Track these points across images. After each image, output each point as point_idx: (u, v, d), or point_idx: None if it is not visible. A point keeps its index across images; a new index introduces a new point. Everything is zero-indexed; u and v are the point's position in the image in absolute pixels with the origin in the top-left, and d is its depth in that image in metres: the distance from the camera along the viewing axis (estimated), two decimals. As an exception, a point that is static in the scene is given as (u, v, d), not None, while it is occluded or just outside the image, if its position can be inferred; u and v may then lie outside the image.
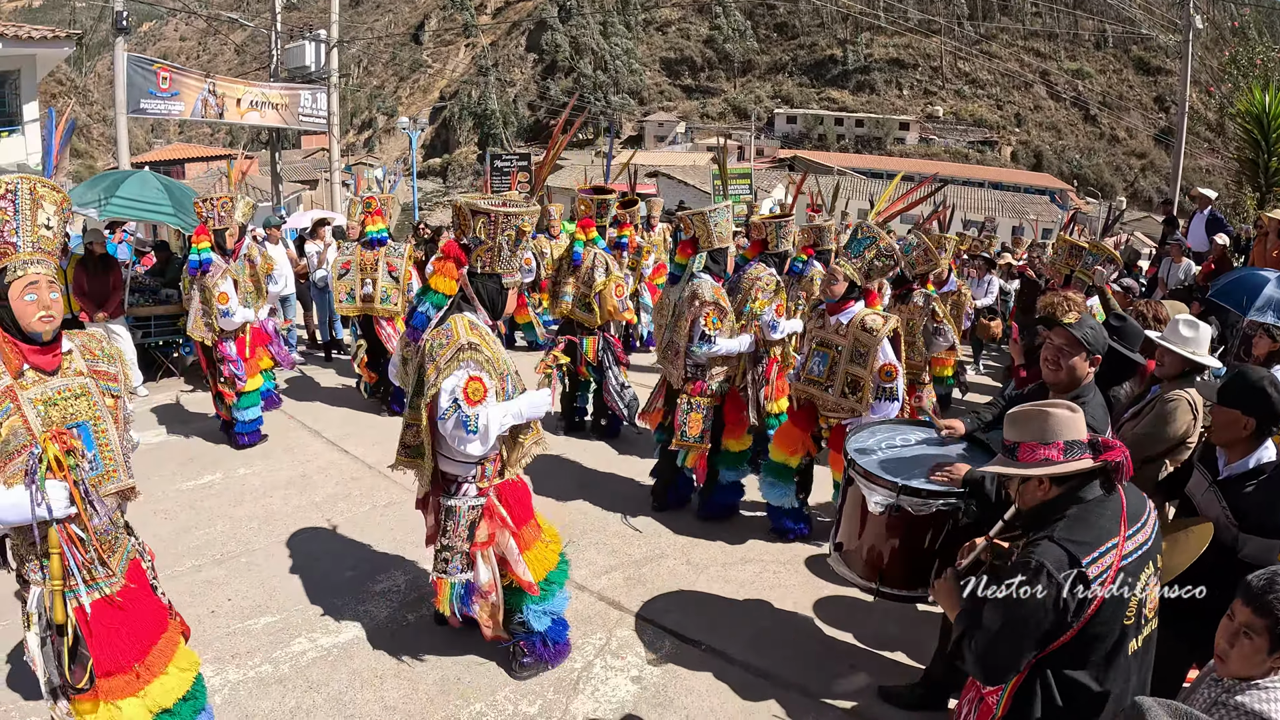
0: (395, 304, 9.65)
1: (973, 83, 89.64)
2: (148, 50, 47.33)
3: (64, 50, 20.48)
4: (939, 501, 4.16)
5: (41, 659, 3.45)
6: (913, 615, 5.61)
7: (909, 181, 10.92)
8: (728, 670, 5.05)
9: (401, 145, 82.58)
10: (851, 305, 6.16)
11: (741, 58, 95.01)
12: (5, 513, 3.25)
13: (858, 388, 6.06)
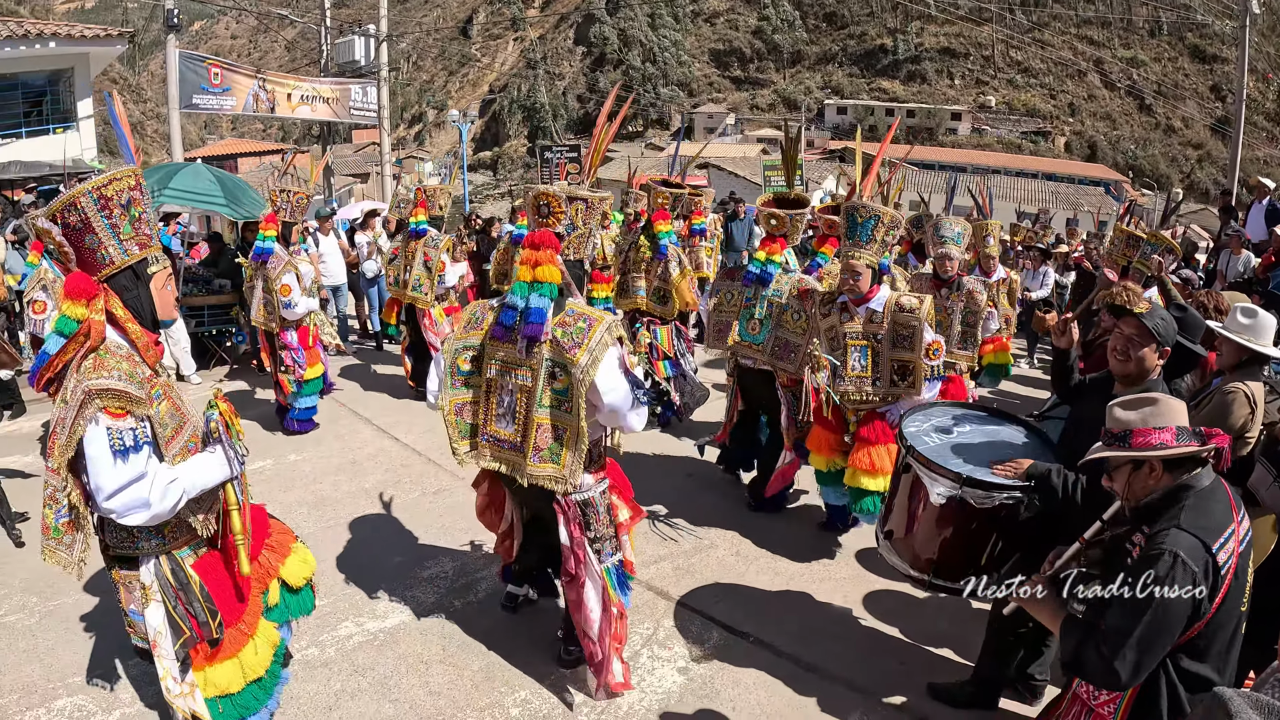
0: (425, 293, 9.79)
1: (1025, 71, 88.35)
2: (199, 48, 47.91)
3: (116, 48, 20.84)
4: (1002, 495, 4.04)
5: (168, 631, 3.54)
6: (962, 611, 5.53)
7: (950, 171, 10.63)
8: (775, 663, 5.00)
9: (451, 139, 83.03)
10: (878, 290, 5.97)
11: (790, 48, 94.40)
12: (209, 479, 3.48)
13: (907, 372, 5.87)
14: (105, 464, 3.18)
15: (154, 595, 3.53)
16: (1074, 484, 3.80)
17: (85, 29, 20.34)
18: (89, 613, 5.59)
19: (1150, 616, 2.76)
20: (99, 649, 5.18)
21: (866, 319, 5.94)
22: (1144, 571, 2.79)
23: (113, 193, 3.29)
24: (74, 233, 3.30)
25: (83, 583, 5.93)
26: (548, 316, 4.17)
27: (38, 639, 5.30)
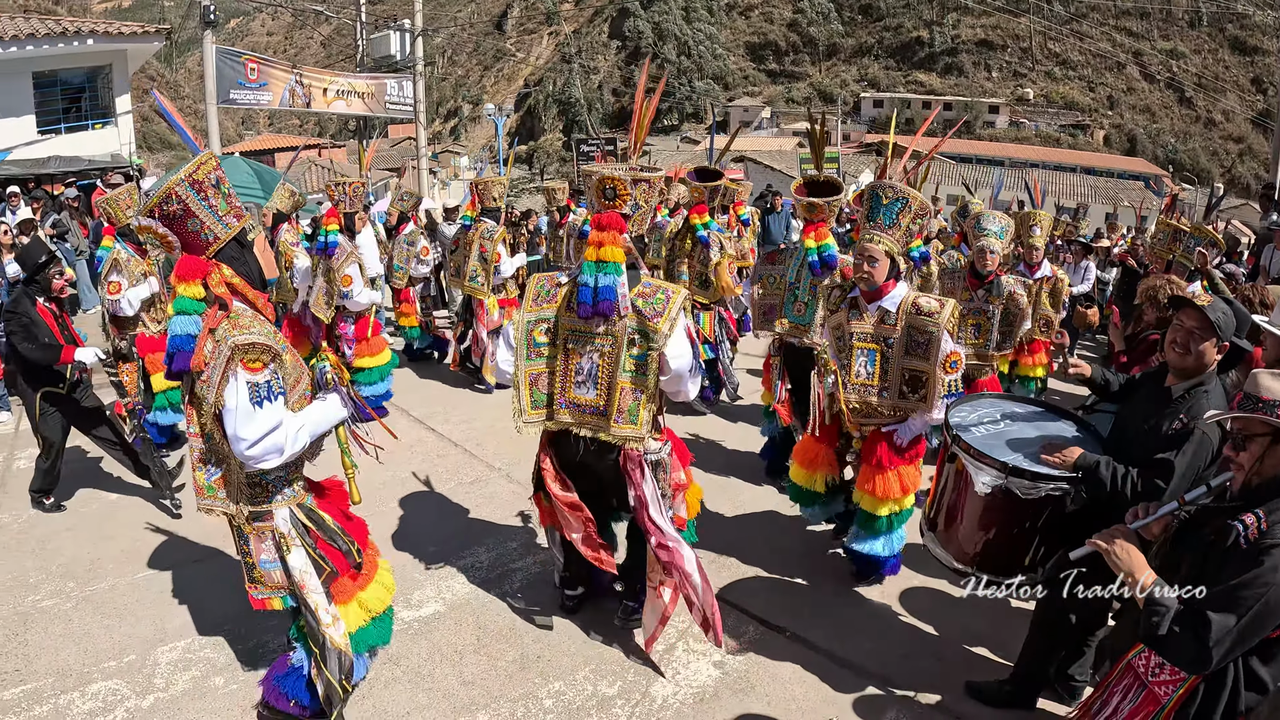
0: (481, 284, 9.88)
1: (1063, 64, 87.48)
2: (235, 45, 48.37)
3: (154, 45, 21.09)
4: (1049, 485, 3.97)
5: (311, 569, 3.92)
6: (1001, 610, 5.46)
7: (990, 165, 10.21)
8: (811, 658, 4.96)
9: (487, 133, 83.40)
10: (894, 287, 5.20)
11: (826, 41, 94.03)
12: (328, 421, 3.96)
13: (919, 384, 5.15)
14: (245, 414, 3.52)
15: (293, 541, 3.90)
16: (1124, 477, 3.73)
17: (123, 26, 20.60)
18: (126, 598, 5.65)
19: (1260, 605, 2.66)
20: (135, 634, 5.23)
21: (878, 319, 5.21)
22: (1262, 558, 2.69)
23: (203, 176, 3.56)
24: (175, 221, 3.54)
25: (120, 569, 6.02)
26: (618, 292, 4.42)
27: (73, 623, 5.36)
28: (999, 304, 7.31)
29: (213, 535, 6.46)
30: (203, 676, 4.80)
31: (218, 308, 3.58)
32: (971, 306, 7.35)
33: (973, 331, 7.39)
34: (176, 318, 3.53)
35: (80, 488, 7.55)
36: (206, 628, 5.28)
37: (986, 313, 7.35)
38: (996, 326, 7.36)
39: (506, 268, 10.02)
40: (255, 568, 3.95)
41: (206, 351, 3.54)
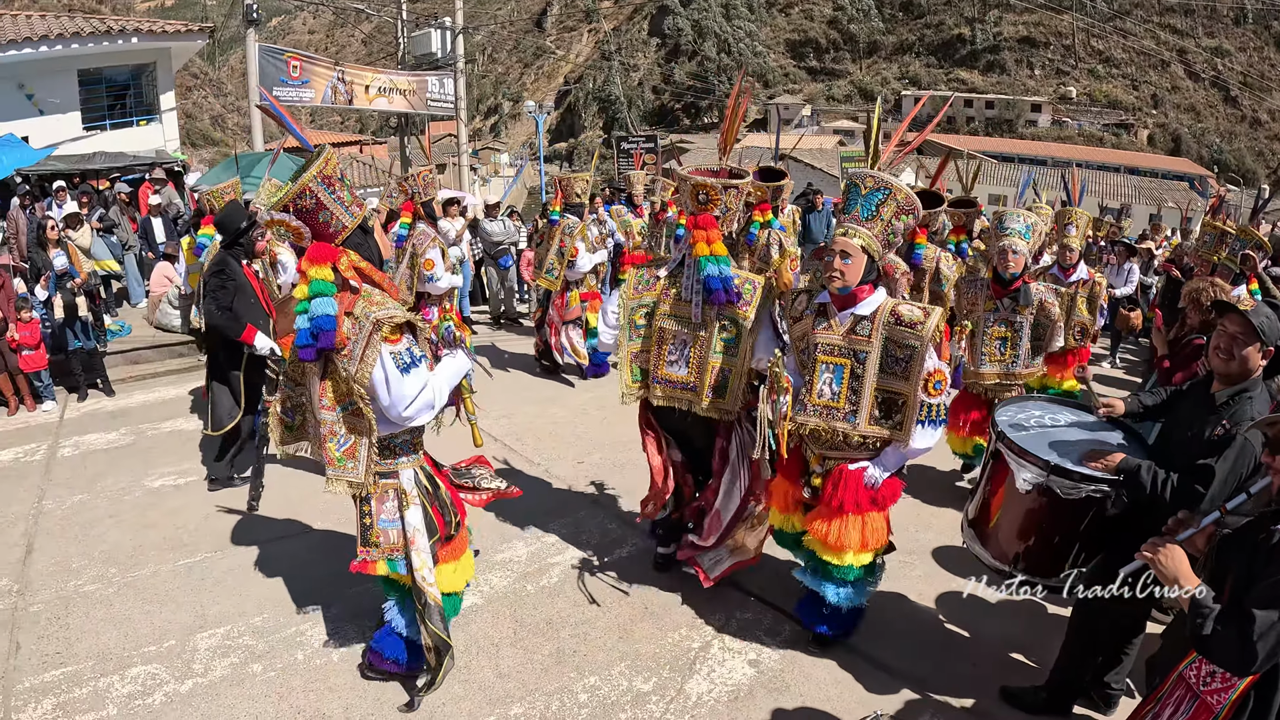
0: (556, 277, 10.14)
1: (1106, 61, 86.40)
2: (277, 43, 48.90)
3: (197, 43, 21.33)
4: (1090, 487, 3.93)
5: (424, 528, 4.28)
6: (1037, 615, 5.41)
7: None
8: (847, 659, 4.93)
9: (527, 130, 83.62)
10: (870, 292, 4.49)
11: (867, 38, 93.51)
12: (456, 375, 4.35)
13: (895, 408, 4.46)
14: (396, 381, 3.90)
15: (413, 499, 4.27)
16: (1164, 482, 3.68)
17: (167, 25, 20.85)
18: (167, 585, 5.72)
19: None
20: (175, 621, 5.30)
21: (849, 328, 4.49)
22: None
23: (330, 171, 3.85)
24: (308, 214, 3.85)
25: (161, 556, 6.10)
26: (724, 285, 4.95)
27: (115, 608, 5.44)
28: (1028, 314, 6.64)
29: (253, 527, 6.54)
30: (241, 663, 4.84)
31: (347, 290, 3.92)
32: (997, 317, 6.71)
33: (998, 346, 6.76)
34: (316, 299, 3.80)
35: (123, 477, 7.64)
36: (246, 615, 5.33)
37: (1014, 324, 6.69)
38: (1026, 339, 6.70)
39: (584, 262, 10.19)
40: (373, 528, 4.26)
41: (346, 329, 3.86)
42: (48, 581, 5.80)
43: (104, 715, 4.43)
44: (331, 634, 5.13)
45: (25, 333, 9.43)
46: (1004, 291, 6.65)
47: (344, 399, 4.02)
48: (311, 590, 5.61)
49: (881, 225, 4.39)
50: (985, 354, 6.79)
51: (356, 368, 3.85)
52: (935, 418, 4.42)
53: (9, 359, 9.49)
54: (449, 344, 4.25)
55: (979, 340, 6.81)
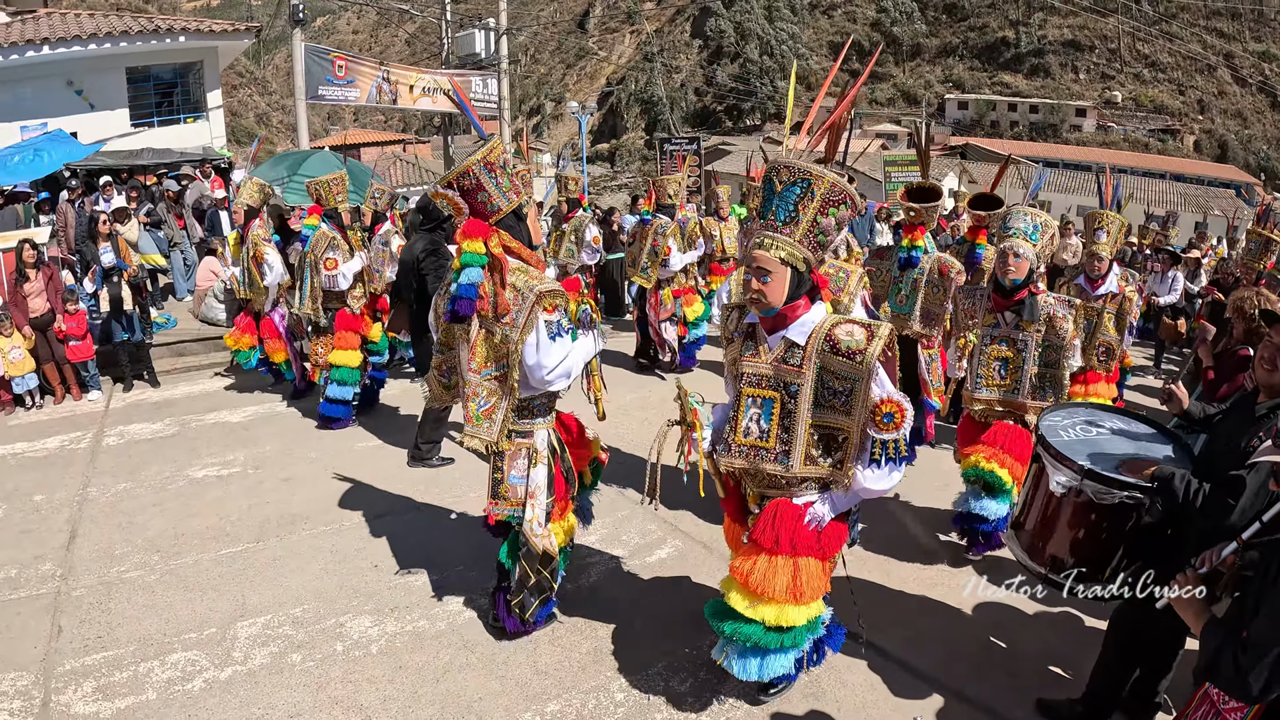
0: (647, 274, 10.49)
1: (1152, 65, 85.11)
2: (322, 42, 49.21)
3: (244, 42, 21.60)
4: (1124, 492, 3.85)
5: (546, 486, 4.63)
6: (1076, 628, 5.31)
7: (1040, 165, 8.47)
8: (883, 666, 4.87)
9: (569, 131, 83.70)
10: (804, 310, 3.80)
11: (910, 41, 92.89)
12: (589, 353, 4.61)
13: (834, 445, 3.82)
14: (546, 347, 4.28)
15: (543, 458, 4.62)
16: (1196, 491, 3.58)
17: (214, 24, 21.12)
18: (208, 574, 5.78)
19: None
20: (215, 608, 5.34)
21: (779, 355, 3.83)
22: None
23: (494, 159, 4.29)
24: (468, 193, 4.31)
25: (204, 545, 6.15)
26: None
27: (157, 595, 5.50)
28: (1034, 331, 5.63)
29: (293, 520, 6.59)
30: (280, 653, 4.87)
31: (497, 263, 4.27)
32: (996, 334, 5.75)
33: (998, 370, 5.75)
34: (465, 270, 4.22)
35: (166, 467, 7.72)
36: (287, 606, 5.36)
37: (1016, 343, 5.70)
38: (1032, 362, 5.65)
39: (675, 261, 10.47)
40: (503, 483, 4.60)
41: (509, 298, 4.27)
42: (90, 567, 5.88)
43: (143, 699, 4.47)
44: (370, 627, 5.14)
45: (72, 324, 9.58)
46: (1005, 303, 5.67)
47: (492, 362, 4.42)
48: (351, 584, 5.64)
49: (802, 227, 3.66)
50: (980, 377, 5.82)
51: (518, 334, 4.26)
52: (892, 456, 3.72)
53: (56, 349, 9.66)
54: (585, 325, 4.58)
55: (976, 360, 5.90)
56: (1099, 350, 7.03)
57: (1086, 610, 5.27)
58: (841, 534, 4.04)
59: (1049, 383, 5.62)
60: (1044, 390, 5.62)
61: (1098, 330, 6.96)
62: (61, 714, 4.40)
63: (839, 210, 3.67)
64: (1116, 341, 7.15)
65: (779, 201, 3.68)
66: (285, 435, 8.53)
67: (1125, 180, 48.09)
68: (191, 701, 4.45)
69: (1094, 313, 6.96)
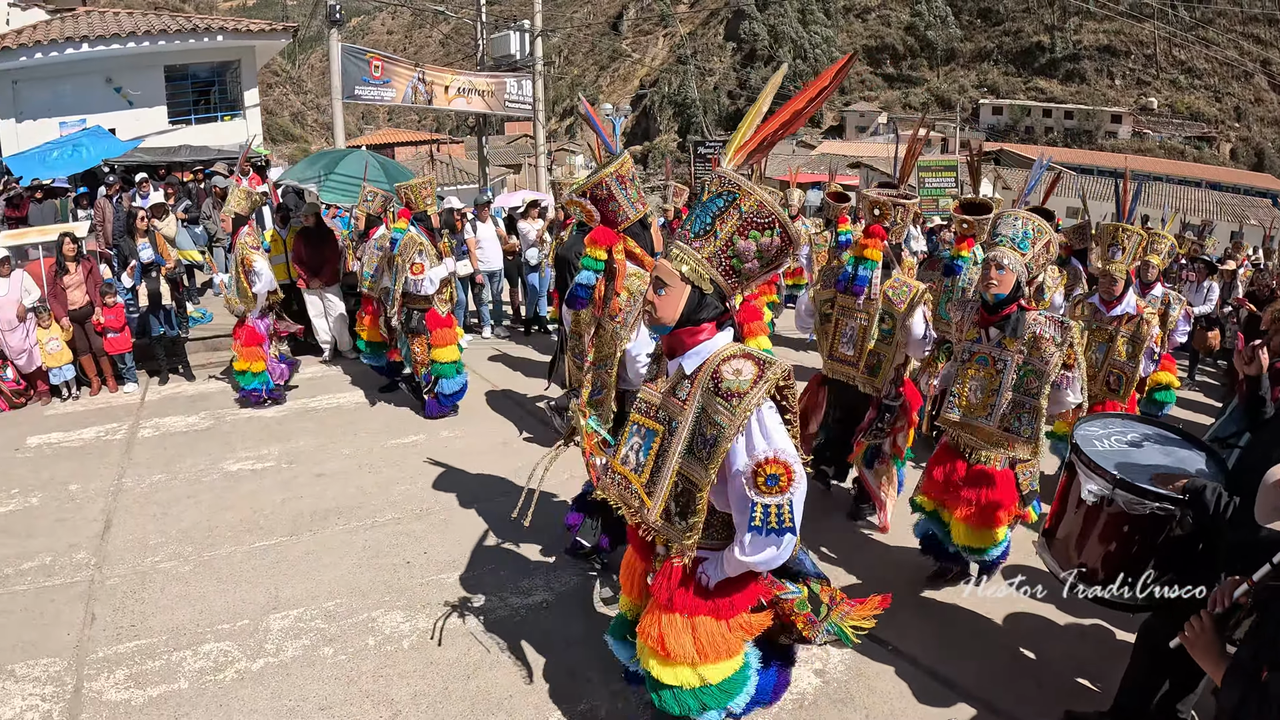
0: None
1: (1189, 72, 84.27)
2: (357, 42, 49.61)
3: (280, 42, 21.81)
4: (1155, 504, 3.80)
5: None
6: (1105, 640, 5.25)
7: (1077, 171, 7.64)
8: (912, 674, 4.84)
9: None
10: (707, 335, 3.18)
11: (944, 45, 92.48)
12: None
13: (691, 507, 3.22)
14: (648, 345, 4.49)
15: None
16: (1227, 504, 3.53)
17: (251, 24, 21.34)
18: (242, 566, 5.81)
19: None
20: (248, 600, 5.37)
21: (670, 388, 3.29)
22: None
23: (625, 172, 4.51)
24: (600, 202, 4.49)
25: (238, 537, 6.18)
26: (871, 281, 5.91)
27: (190, 586, 5.53)
28: (1016, 351, 4.94)
29: (327, 514, 6.61)
30: (313, 646, 4.88)
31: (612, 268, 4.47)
32: (977, 351, 5.12)
33: (973, 390, 5.11)
34: (584, 272, 4.48)
35: (201, 460, 7.77)
36: (319, 599, 5.38)
37: (996, 363, 5.03)
38: (1008, 386, 4.97)
39: None
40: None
41: (622, 301, 4.59)
42: (124, 556, 5.93)
43: (175, 688, 4.50)
44: (402, 623, 5.15)
45: (110, 316, 9.67)
46: (990, 318, 5.02)
47: (602, 359, 4.81)
48: (383, 580, 5.65)
49: (716, 244, 3.06)
50: (955, 394, 5.19)
51: (625, 331, 4.62)
52: (774, 525, 3.03)
53: (94, 341, 9.76)
54: None
55: (953, 377, 5.31)
56: (1109, 376, 6.69)
57: (1116, 623, 5.22)
58: (750, 594, 3.44)
59: (1026, 413, 4.94)
60: (1018, 421, 4.96)
61: (1110, 355, 6.65)
62: (93, 701, 4.43)
63: (762, 236, 3.03)
64: (1132, 369, 6.68)
65: (699, 212, 3.13)
66: (319, 431, 8.56)
67: (1160, 188, 47.48)
68: (223, 692, 4.47)
69: (1105, 335, 6.75)
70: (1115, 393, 6.66)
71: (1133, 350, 6.69)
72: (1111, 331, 6.70)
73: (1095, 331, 6.76)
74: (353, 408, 9.35)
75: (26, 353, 9.44)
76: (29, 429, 8.75)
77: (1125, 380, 6.68)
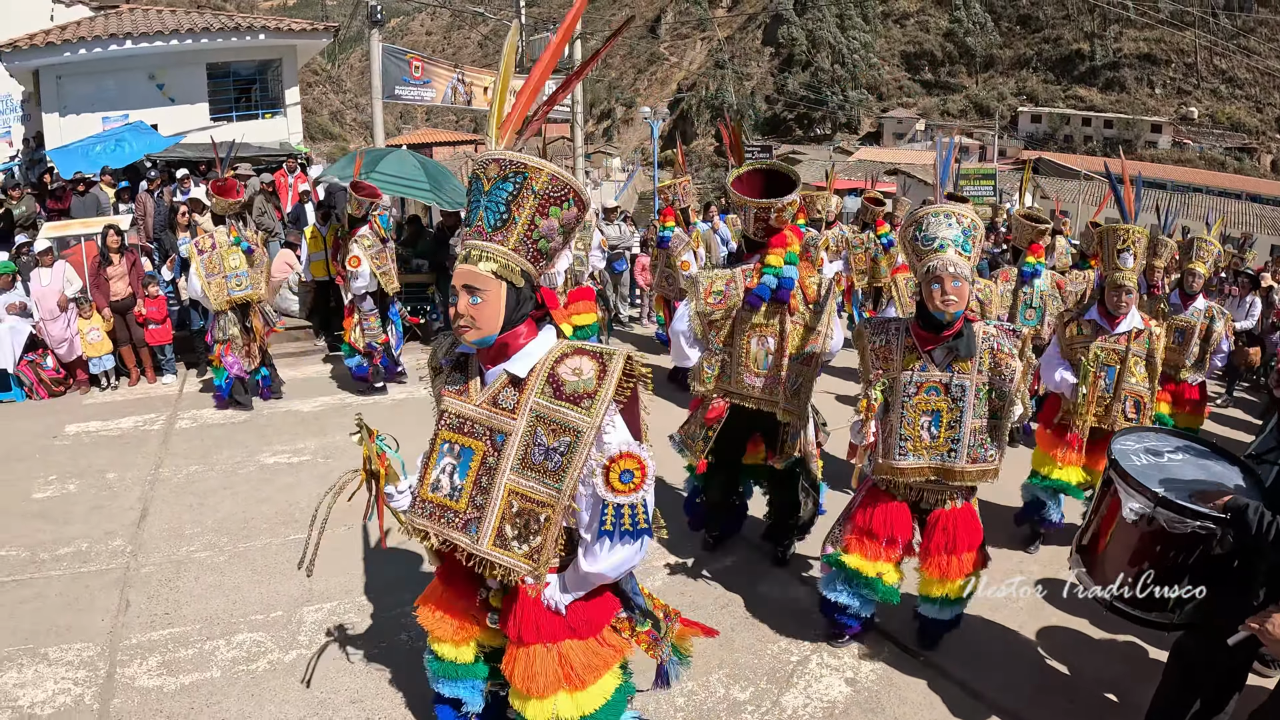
0: None
1: (1230, 81, 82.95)
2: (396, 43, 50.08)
3: (321, 41, 22.00)
4: (1196, 522, 3.73)
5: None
6: (1136, 656, 5.17)
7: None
8: (943, 686, 4.78)
9: (639, 135, 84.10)
10: (528, 336, 2.96)
11: (983, 52, 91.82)
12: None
13: (533, 528, 2.90)
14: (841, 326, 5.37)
15: None
16: (1270, 524, 3.45)
17: (293, 23, 21.54)
18: (276, 558, 5.85)
19: None
20: (282, 591, 5.40)
21: (494, 394, 2.98)
22: None
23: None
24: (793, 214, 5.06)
25: (273, 529, 6.21)
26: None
27: (224, 576, 5.56)
28: (972, 373, 4.32)
29: (360, 512, 6.59)
30: (345, 639, 4.89)
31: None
32: (925, 382, 4.40)
33: (927, 427, 4.41)
34: (788, 266, 5.02)
35: (237, 451, 7.82)
36: (352, 594, 5.40)
37: (950, 390, 4.37)
38: (972, 414, 4.36)
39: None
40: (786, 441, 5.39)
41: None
42: (160, 545, 5.98)
43: (207, 677, 4.52)
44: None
45: (153, 308, 9.77)
46: (935, 339, 4.34)
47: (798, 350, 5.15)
48: (417, 577, 5.64)
49: (517, 233, 2.80)
50: (907, 437, 4.44)
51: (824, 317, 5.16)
52: (628, 527, 2.83)
53: (135, 332, 9.86)
54: None
55: (894, 418, 4.46)
56: (1124, 404, 5.95)
57: (1148, 640, 5.16)
58: (608, 606, 3.19)
59: (994, 436, 4.41)
60: (983, 449, 4.41)
61: (1123, 378, 5.89)
62: (125, 686, 4.46)
63: (562, 210, 2.85)
64: (1146, 392, 5.97)
65: (487, 203, 2.83)
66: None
67: (1200, 200, 46.88)
68: (255, 682, 4.49)
69: (1115, 356, 5.91)
70: (1133, 422, 5.85)
71: (1149, 369, 5.98)
72: (1121, 352, 5.91)
73: (1101, 353, 5.99)
74: (389, 404, 9.41)
75: (67, 342, 9.59)
76: (68, 417, 8.88)
77: (1143, 407, 5.97)
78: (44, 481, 7.19)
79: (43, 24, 18.40)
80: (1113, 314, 5.91)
